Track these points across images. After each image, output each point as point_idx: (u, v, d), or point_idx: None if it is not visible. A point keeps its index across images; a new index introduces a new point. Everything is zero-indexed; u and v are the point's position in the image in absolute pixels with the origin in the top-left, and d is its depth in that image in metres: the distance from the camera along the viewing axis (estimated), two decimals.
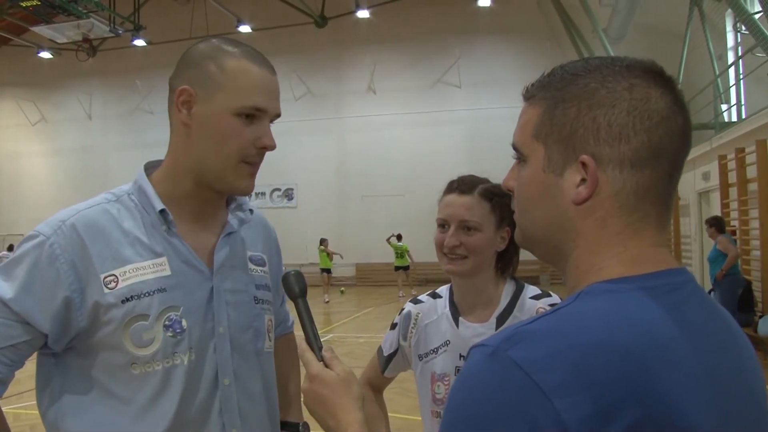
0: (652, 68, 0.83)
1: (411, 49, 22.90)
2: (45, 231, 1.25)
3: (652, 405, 0.68)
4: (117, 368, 1.25)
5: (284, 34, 22.44)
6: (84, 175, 25.48)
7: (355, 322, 13.67)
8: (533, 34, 21.77)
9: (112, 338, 1.24)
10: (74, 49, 21.90)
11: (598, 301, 0.75)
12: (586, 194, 0.80)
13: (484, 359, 0.72)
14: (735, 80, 13.30)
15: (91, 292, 1.23)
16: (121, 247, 1.27)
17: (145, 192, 1.33)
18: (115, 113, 25.69)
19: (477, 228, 1.67)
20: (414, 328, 1.84)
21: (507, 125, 14.67)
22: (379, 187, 22.48)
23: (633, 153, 0.78)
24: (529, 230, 0.89)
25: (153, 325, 1.25)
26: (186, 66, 1.33)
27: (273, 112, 1.32)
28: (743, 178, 10.96)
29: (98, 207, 1.30)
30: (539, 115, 0.85)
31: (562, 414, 0.66)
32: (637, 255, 0.79)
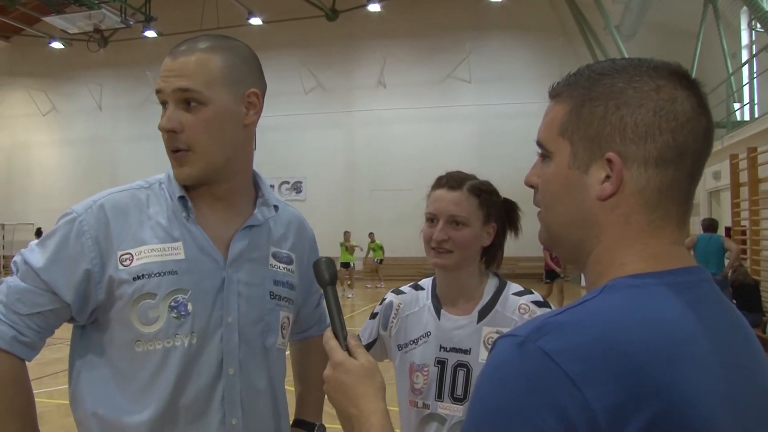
0: (678, 70, 0.84)
1: (422, 43, 22.85)
2: (77, 209, 1.35)
3: (672, 399, 0.69)
4: (124, 345, 1.33)
5: (295, 27, 22.43)
6: (93, 166, 25.59)
7: (363, 315, 13.67)
8: (545, 31, 21.67)
9: (122, 314, 1.32)
10: (85, 39, 21.97)
11: (623, 296, 0.77)
12: (611, 190, 0.81)
13: (514, 349, 0.74)
14: (748, 79, 13.20)
15: (109, 267, 1.32)
16: (141, 229, 1.35)
17: (171, 180, 1.40)
18: (126, 104, 25.76)
19: (465, 223, 1.71)
20: (395, 319, 1.86)
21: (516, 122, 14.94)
22: (387, 182, 22.47)
23: (658, 152, 0.80)
24: (552, 227, 0.90)
25: (159, 304, 1.32)
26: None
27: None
28: (755, 177, 10.89)
29: (128, 191, 1.40)
30: (566, 112, 0.87)
31: (592, 403, 0.68)
32: (658, 252, 0.81)
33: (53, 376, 7.37)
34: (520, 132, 21.51)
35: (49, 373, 7.43)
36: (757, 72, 12.56)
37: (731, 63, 13.26)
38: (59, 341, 3.80)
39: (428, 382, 1.74)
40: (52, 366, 7.99)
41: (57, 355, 9.00)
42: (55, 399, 6.40)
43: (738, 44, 14.09)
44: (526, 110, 21.71)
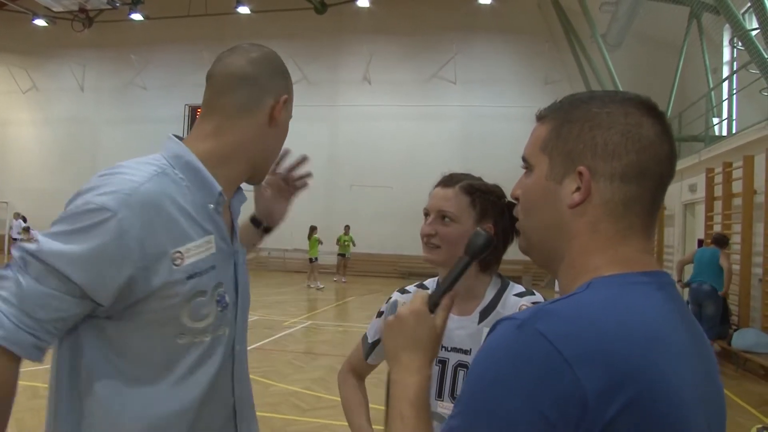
0: (646, 102, 0.96)
1: (409, 41, 22.88)
2: (110, 206, 1.20)
3: (648, 383, 0.78)
4: (163, 338, 1.30)
5: (283, 18, 22.36)
6: (73, 147, 25.30)
7: (335, 310, 13.70)
8: (532, 35, 21.79)
9: (170, 311, 1.28)
10: (70, 18, 21.70)
11: (607, 291, 0.86)
12: (579, 199, 0.92)
13: (512, 330, 0.82)
14: (728, 95, 13.39)
15: (160, 268, 1.24)
16: (181, 224, 1.29)
17: (197, 170, 1.35)
18: (108, 86, 25.49)
19: (453, 219, 1.72)
20: None
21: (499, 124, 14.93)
22: (368, 178, 22.49)
23: (623, 169, 0.91)
24: (530, 233, 1.01)
25: (209, 300, 1.33)
26: (281, 73, 1.50)
27: None
28: (729, 192, 11.07)
29: (155, 181, 1.28)
30: (548, 131, 0.98)
31: (583, 382, 0.76)
32: (628, 257, 0.91)
33: None
34: (503, 134, 21.64)
35: None
36: (736, 88, 12.75)
37: (712, 78, 13.45)
38: None
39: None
40: None
41: None
42: (22, 380, 6.34)
43: (720, 60, 14.28)
44: (509, 113, 21.83)
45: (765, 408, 6.70)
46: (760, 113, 10.08)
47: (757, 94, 10.51)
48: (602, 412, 0.75)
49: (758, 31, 9.49)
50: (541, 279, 19.62)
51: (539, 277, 19.73)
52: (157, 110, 24.47)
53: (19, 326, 1.16)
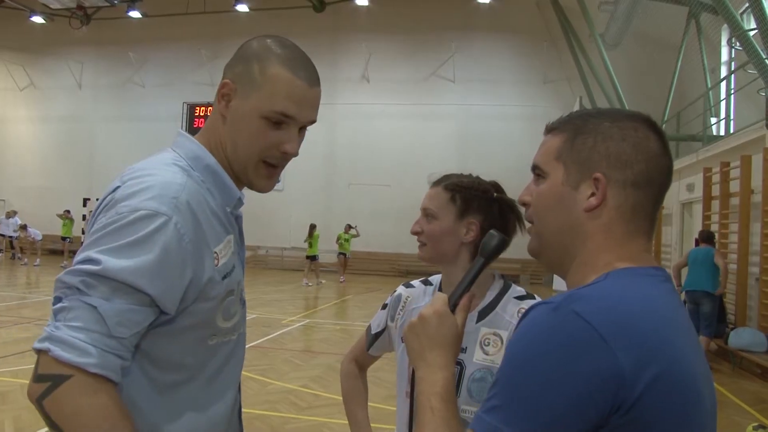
0: (649, 119, 1.07)
1: (407, 40, 22.88)
2: (163, 210, 1.18)
3: (671, 358, 0.88)
4: (197, 341, 1.29)
5: (282, 16, 22.35)
6: (70, 144, 25.28)
7: (334, 308, 13.70)
8: (530, 35, 21.80)
9: (209, 313, 1.28)
10: (68, 15, 21.69)
11: (623, 280, 0.96)
12: (595, 203, 1.02)
13: (548, 312, 0.90)
14: (726, 94, 13.41)
15: (206, 268, 1.25)
16: (215, 225, 1.30)
17: (217, 173, 1.35)
18: (106, 84, 25.46)
19: (434, 216, 1.77)
20: (402, 311, 1.91)
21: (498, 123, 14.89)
22: (366, 176, 22.50)
23: (634, 177, 1.01)
24: (544, 235, 1.09)
25: (236, 299, 1.34)
26: (237, 60, 1.38)
27: (303, 120, 1.37)
28: (726, 192, 11.09)
29: (191, 183, 1.27)
30: (561, 141, 1.07)
31: (619, 356, 0.84)
32: (634, 255, 1.01)
33: (20, 355, 7.30)
34: (501, 133, 21.67)
35: (14, 352, 7.36)
36: (734, 88, 12.76)
37: (710, 78, 13.46)
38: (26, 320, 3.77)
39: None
40: (18, 345, 7.91)
41: (24, 334, 8.93)
42: (20, 378, 6.35)
43: (718, 60, 14.29)
44: (507, 112, 21.86)
45: (761, 406, 6.72)
46: (758, 113, 10.09)
47: (755, 94, 10.53)
48: (635, 384, 0.83)
49: (756, 31, 9.50)
50: (540, 277, 19.65)
51: (537, 275, 19.76)
52: (155, 108, 24.45)
53: (106, 351, 1.11)
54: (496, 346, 1.69)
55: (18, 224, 20.73)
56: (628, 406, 0.83)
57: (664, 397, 0.85)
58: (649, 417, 0.84)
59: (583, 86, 18.71)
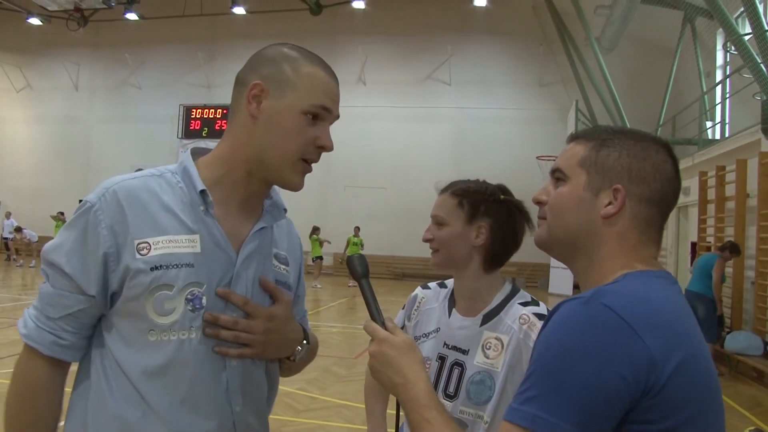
0: (667, 144, 1.17)
1: (404, 43, 22.89)
2: (91, 198, 1.34)
3: (692, 346, 0.98)
4: (135, 334, 1.32)
5: (278, 19, 22.34)
6: (66, 145, 25.22)
7: (329, 311, 13.69)
8: (526, 38, 21.83)
9: (136, 303, 1.31)
10: (65, 17, 21.63)
11: (641, 280, 1.05)
12: (613, 211, 1.11)
13: (579, 306, 0.98)
14: (721, 99, 13.45)
15: (125, 256, 1.31)
16: (157, 218, 1.34)
17: (188, 172, 1.40)
18: (103, 85, 25.42)
19: (443, 222, 1.80)
20: (416, 311, 1.96)
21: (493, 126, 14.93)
22: (362, 179, 22.49)
23: (650, 194, 1.12)
24: (557, 231, 1.17)
25: (176, 296, 1.32)
26: (261, 63, 1.41)
27: (335, 114, 1.45)
28: (722, 195, 11.13)
29: (141, 179, 1.38)
30: (586, 150, 1.16)
31: (649, 344, 0.93)
32: (647, 260, 1.11)
33: (15, 358, 7.28)
34: (496, 136, 21.68)
35: (9, 354, 7.34)
36: (729, 92, 12.80)
37: (705, 82, 13.51)
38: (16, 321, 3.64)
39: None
40: (14, 347, 7.89)
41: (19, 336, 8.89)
42: (5, 379, 6.33)
43: (713, 64, 14.35)
44: (503, 115, 21.87)
45: (757, 410, 6.73)
46: (753, 117, 10.13)
47: (750, 98, 10.56)
48: (663, 370, 0.92)
49: (751, 35, 9.53)
50: (535, 280, 19.66)
51: (533, 278, 19.77)
52: (152, 110, 24.42)
53: (39, 326, 1.33)
54: (497, 350, 1.71)
55: (14, 226, 20.68)
56: (658, 388, 0.92)
57: (689, 381, 0.94)
58: (676, 398, 0.93)
59: (579, 90, 18.75)
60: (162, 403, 1.31)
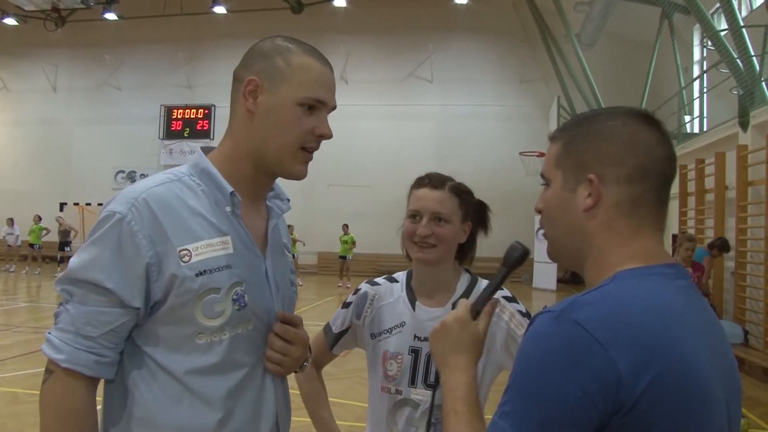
0: (643, 112, 1.10)
1: (385, 41, 22.90)
2: (120, 209, 1.30)
3: (673, 357, 0.91)
4: (180, 339, 1.34)
5: (259, 18, 22.24)
6: (45, 148, 24.94)
7: (315, 310, 13.68)
8: (507, 35, 21.93)
9: (183, 310, 1.32)
10: (42, 17, 21.39)
11: (630, 281, 0.99)
12: (591, 203, 1.06)
13: (551, 321, 0.94)
14: (699, 93, 13.61)
15: (168, 264, 1.30)
16: (190, 224, 1.34)
17: (211, 174, 1.41)
18: (82, 86, 25.15)
19: (447, 220, 1.83)
20: (369, 308, 1.96)
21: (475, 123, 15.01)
22: (345, 177, 22.48)
23: (627, 172, 1.04)
24: (556, 240, 1.13)
25: (223, 298, 1.35)
26: (254, 59, 1.43)
27: (331, 105, 1.46)
28: (701, 188, 11.27)
29: (164, 185, 1.36)
30: (559, 149, 1.12)
31: (617, 360, 0.88)
32: (642, 252, 1.04)
33: (0, 363, 7.23)
34: (478, 133, 21.76)
35: None
36: (707, 87, 12.96)
37: (683, 77, 13.65)
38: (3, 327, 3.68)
39: (402, 369, 1.84)
40: None
41: (3, 342, 8.80)
42: (2, 387, 6.28)
43: (690, 59, 14.50)
44: (485, 112, 21.96)
45: None
46: (731, 111, 10.27)
47: (728, 92, 10.70)
48: (634, 385, 0.88)
49: (727, 31, 9.66)
50: (519, 276, 19.77)
51: (516, 274, 19.87)
52: (132, 111, 24.21)
53: (77, 348, 1.28)
54: None
55: None
56: (628, 407, 0.88)
57: (664, 398, 0.89)
58: (649, 417, 0.88)
59: (560, 86, 18.88)
60: (215, 396, 1.35)
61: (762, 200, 8.89)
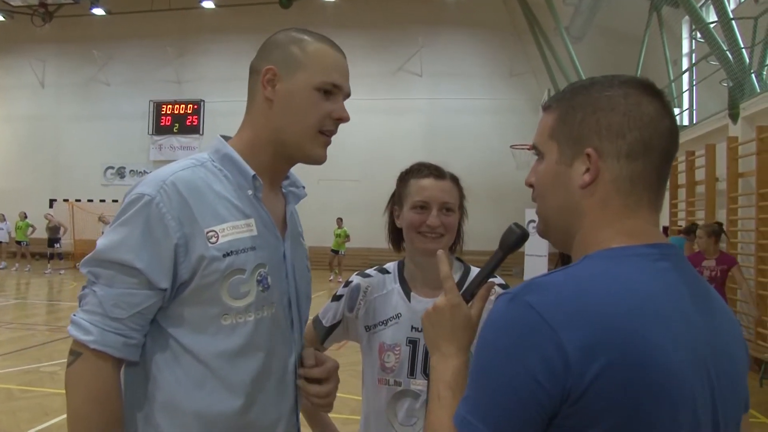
0: (643, 82, 1.02)
1: (375, 35, 22.85)
2: (149, 191, 1.33)
3: (631, 346, 0.84)
4: (206, 320, 1.36)
5: (248, 13, 22.17)
6: (34, 144, 24.78)
7: None
8: (496, 29, 21.94)
9: (210, 290, 1.34)
10: (29, 13, 21.24)
11: (598, 264, 0.93)
12: (589, 179, 0.99)
13: (506, 303, 0.91)
14: (688, 86, 13.65)
15: (196, 245, 1.33)
16: (216, 206, 1.37)
17: (233, 159, 1.44)
18: (70, 82, 24.99)
19: (453, 209, 1.85)
20: (362, 300, 1.94)
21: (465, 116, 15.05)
22: (335, 172, 22.41)
23: (628, 147, 0.97)
24: (546, 215, 1.07)
25: (248, 279, 1.38)
26: (270, 49, 1.48)
27: (346, 90, 1.51)
28: (692, 180, 11.31)
29: (190, 169, 1.39)
30: (554, 119, 1.04)
31: (565, 344, 0.84)
32: (633, 230, 0.97)
33: None
34: (469, 126, 21.77)
35: None
36: (696, 80, 12.99)
37: (673, 70, 13.68)
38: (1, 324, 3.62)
39: (400, 360, 1.83)
40: None
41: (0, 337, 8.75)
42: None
43: (680, 52, 14.53)
44: (475, 105, 21.97)
45: None
46: (720, 103, 10.30)
47: (717, 84, 10.73)
48: (583, 371, 0.83)
49: (716, 23, 9.68)
50: (510, 269, 19.81)
51: (507, 267, 19.91)
52: (121, 106, 24.08)
53: (105, 329, 1.30)
54: None
55: None
56: (577, 395, 0.83)
57: (614, 388, 0.83)
58: (598, 408, 0.83)
59: (550, 79, 18.89)
60: (239, 381, 1.37)
61: (752, 192, 8.92)
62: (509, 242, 1.22)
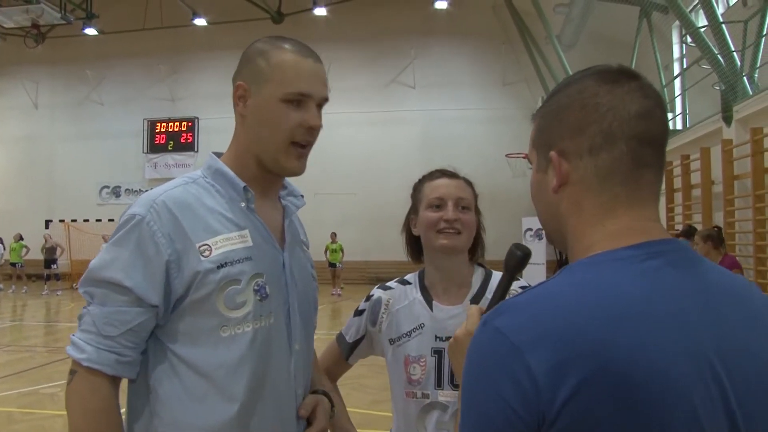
0: (603, 69, 0.96)
1: (367, 48, 22.92)
2: (139, 211, 1.36)
3: (612, 356, 0.78)
4: (205, 332, 1.37)
5: (240, 29, 22.17)
6: (28, 165, 24.73)
7: None
8: (488, 38, 22.01)
9: (206, 302, 1.36)
10: (22, 35, 21.24)
11: (577, 274, 0.88)
12: (555, 184, 0.96)
13: (479, 329, 0.88)
14: (681, 90, 13.70)
15: (189, 260, 1.35)
16: (208, 220, 1.39)
17: (224, 173, 1.47)
18: (63, 103, 24.97)
19: (468, 207, 1.85)
20: (385, 314, 1.91)
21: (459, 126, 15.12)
22: (331, 185, 22.41)
23: (589, 141, 0.92)
24: (542, 224, 1.05)
25: (245, 288, 1.39)
26: (242, 64, 1.50)
27: (318, 96, 1.49)
28: (688, 184, 11.34)
29: (181, 187, 1.43)
30: (534, 129, 1.03)
31: (533, 366, 0.79)
32: (615, 231, 0.91)
33: None
34: (463, 137, 21.79)
35: None
36: (688, 84, 13.05)
37: (664, 75, 13.75)
38: None
39: (426, 372, 1.80)
40: None
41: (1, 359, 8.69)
42: None
43: (671, 57, 14.61)
44: (468, 116, 22.00)
45: None
46: (713, 106, 10.34)
47: (709, 88, 10.78)
48: (555, 391, 0.78)
49: (707, 27, 9.73)
50: None
51: None
52: (115, 125, 24.07)
53: (99, 347, 1.32)
54: None
55: None
56: (551, 419, 0.78)
57: (595, 405, 0.77)
58: (579, 426, 0.78)
59: (542, 87, 18.96)
60: (238, 392, 1.37)
61: (748, 194, 8.94)
62: (511, 265, 1.23)
